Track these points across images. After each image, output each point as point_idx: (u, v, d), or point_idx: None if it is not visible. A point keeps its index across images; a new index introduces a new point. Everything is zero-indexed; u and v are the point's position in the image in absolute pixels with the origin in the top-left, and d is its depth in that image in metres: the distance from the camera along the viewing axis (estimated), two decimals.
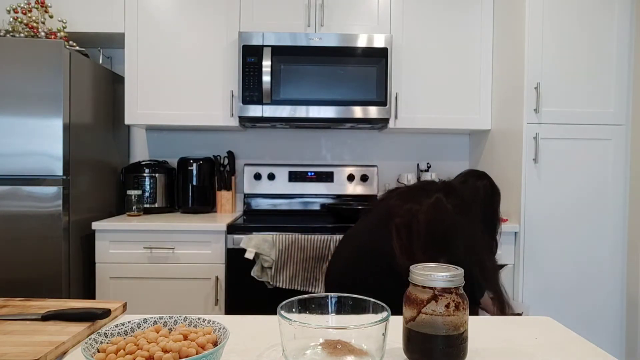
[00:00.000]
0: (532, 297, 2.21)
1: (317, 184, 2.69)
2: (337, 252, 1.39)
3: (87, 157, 2.27)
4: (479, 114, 2.54)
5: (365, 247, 1.26)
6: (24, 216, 2.00)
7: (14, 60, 1.99)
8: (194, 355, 0.55)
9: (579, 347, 0.74)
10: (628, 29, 2.20)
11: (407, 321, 0.65)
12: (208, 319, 0.67)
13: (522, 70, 2.20)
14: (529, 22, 2.18)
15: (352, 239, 1.35)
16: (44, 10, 2.28)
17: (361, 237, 1.31)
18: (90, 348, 0.58)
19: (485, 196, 1.42)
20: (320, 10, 2.44)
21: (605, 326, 2.21)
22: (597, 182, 2.21)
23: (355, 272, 1.23)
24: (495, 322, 0.86)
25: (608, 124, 2.21)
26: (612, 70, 2.20)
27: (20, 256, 2.00)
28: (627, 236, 2.22)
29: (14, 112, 1.99)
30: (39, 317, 0.79)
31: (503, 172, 2.43)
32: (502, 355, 0.70)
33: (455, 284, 0.63)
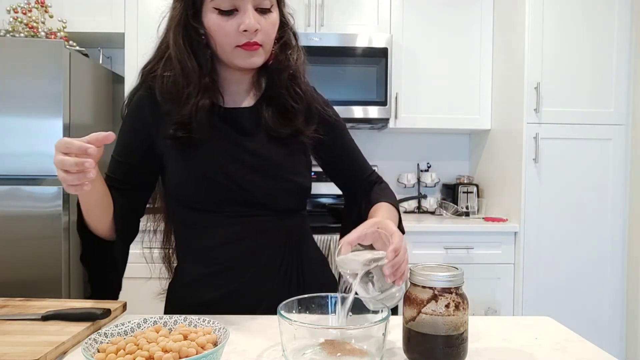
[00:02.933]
0: (532, 297, 2.21)
1: (317, 183, 2.69)
2: None
3: None
4: (479, 114, 2.54)
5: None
6: (24, 216, 2.00)
7: (14, 60, 1.99)
8: (194, 355, 0.55)
9: (579, 347, 0.74)
10: (628, 29, 2.19)
11: (407, 321, 0.65)
12: (208, 319, 0.67)
13: (522, 70, 2.20)
14: (529, 22, 2.18)
15: None
16: (44, 10, 2.28)
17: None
18: (90, 348, 0.58)
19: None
20: (320, 10, 2.44)
21: (605, 326, 2.21)
22: (597, 182, 2.21)
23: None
24: (495, 322, 0.86)
25: (608, 124, 2.21)
26: (612, 71, 2.20)
27: (20, 256, 2.00)
28: (627, 236, 2.22)
29: (14, 112, 1.99)
30: (39, 317, 0.79)
31: (503, 172, 2.43)
32: (502, 355, 0.70)
33: (455, 284, 0.63)
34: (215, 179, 0.88)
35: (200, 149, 0.89)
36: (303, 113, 0.93)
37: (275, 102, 0.92)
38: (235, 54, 0.84)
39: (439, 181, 2.82)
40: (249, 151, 0.90)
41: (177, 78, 0.87)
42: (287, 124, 0.91)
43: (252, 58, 0.85)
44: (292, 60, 0.91)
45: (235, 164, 0.89)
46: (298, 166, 0.94)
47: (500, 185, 2.48)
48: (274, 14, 0.85)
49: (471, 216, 2.56)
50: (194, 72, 0.85)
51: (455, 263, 0.70)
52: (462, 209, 2.57)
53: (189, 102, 0.85)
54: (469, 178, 2.72)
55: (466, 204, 2.60)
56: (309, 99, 0.95)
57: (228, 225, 0.90)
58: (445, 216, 2.56)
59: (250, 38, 0.82)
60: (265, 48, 0.86)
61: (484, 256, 2.24)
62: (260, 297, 0.90)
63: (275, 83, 0.91)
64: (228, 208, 0.90)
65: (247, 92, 0.95)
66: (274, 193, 0.91)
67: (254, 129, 0.92)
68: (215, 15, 0.82)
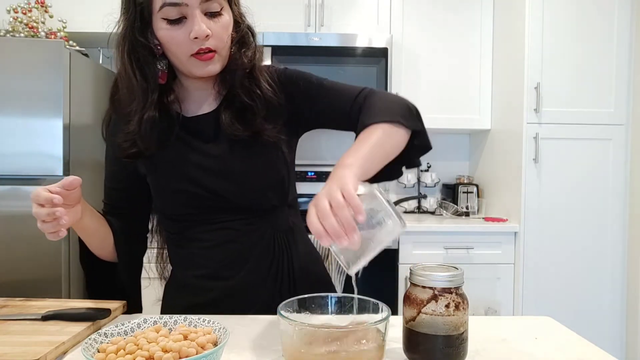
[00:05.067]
0: (532, 297, 2.21)
1: (317, 184, 2.69)
2: None
3: (87, 157, 2.27)
4: (479, 114, 2.54)
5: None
6: (24, 216, 2.00)
7: (14, 60, 1.99)
8: (194, 355, 0.55)
9: (579, 347, 0.74)
10: (628, 29, 2.19)
11: (407, 321, 0.65)
12: (208, 319, 0.67)
13: (522, 71, 2.20)
14: (529, 23, 2.18)
15: None
16: (44, 10, 2.28)
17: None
18: (90, 348, 0.58)
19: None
20: (320, 10, 2.44)
21: (605, 326, 2.21)
22: (597, 182, 2.21)
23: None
24: (495, 322, 0.86)
25: (608, 124, 2.21)
26: (612, 71, 2.20)
27: (20, 256, 2.00)
28: (627, 236, 2.22)
29: (14, 112, 1.99)
30: (39, 317, 0.79)
31: (503, 172, 2.43)
32: (502, 355, 0.70)
33: (455, 284, 0.63)
34: (186, 190, 0.87)
35: (165, 162, 0.88)
36: (263, 111, 0.89)
37: (233, 103, 0.90)
38: (191, 64, 0.83)
39: (439, 181, 2.82)
40: (213, 157, 0.88)
41: (125, 94, 0.86)
42: (244, 126, 0.88)
43: (208, 67, 0.83)
44: (246, 58, 0.88)
45: (201, 172, 0.88)
46: (267, 162, 0.91)
47: (500, 185, 2.48)
48: (225, 16, 0.83)
49: (471, 216, 2.56)
50: (139, 88, 0.84)
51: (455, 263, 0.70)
52: (462, 209, 2.57)
53: (135, 118, 0.84)
54: (469, 178, 2.72)
55: (466, 204, 2.60)
56: (268, 95, 0.91)
57: (211, 231, 0.90)
58: (445, 216, 2.56)
59: (202, 44, 0.80)
60: (221, 53, 0.84)
61: (484, 256, 2.24)
62: (252, 299, 0.90)
63: (231, 84, 0.89)
64: (206, 215, 0.90)
65: (210, 97, 0.92)
66: (247, 194, 0.89)
67: (216, 134, 0.90)
68: (164, 26, 0.80)
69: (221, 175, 0.88)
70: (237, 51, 0.87)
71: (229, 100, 0.90)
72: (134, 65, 0.84)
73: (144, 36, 0.83)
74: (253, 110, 0.89)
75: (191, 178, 0.88)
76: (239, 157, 0.89)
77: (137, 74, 0.84)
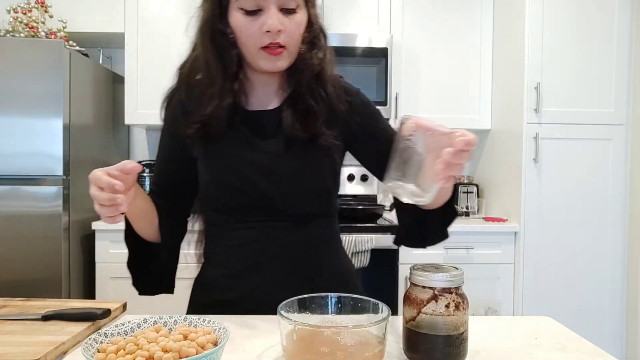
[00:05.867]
0: (532, 297, 2.21)
1: None
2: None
3: (87, 157, 2.27)
4: (479, 114, 2.54)
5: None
6: (24, 216, 2.00)
7: (14, 60, 1.99)
8: (194, 355, 0.55)
9: (579, 347, 0.74)
10: (628, 29, 2.19)
11: (407, 321, 0.65)
12: (208, 319, 0.67)
13: (522, 71, 2.20)
14: (529, 22, 2.18)
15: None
16: (44, 10, 2.28)
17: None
18: (90, 348, 0.58)
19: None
20: (320, 10, 2.43)
21: (605, 326, 2.21)
22: (597, 182, 2.21)
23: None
24: (495, 322, 0.86)
25: (608, 124, 2.21)
26: (612, 71, 2.20)
27: (20, 256, 2.00)
28: (627, 236, 2.22)
29: (14, 112, 1.99)
30: (39, 317, 0.79)
31: (503, 172, 2.43)
32: (502, 355, 0.70)
33: (455, 284, 0.63)
34: (231, 182, 0.88)
35: (218, 152, 0.89)
36: (324, 115, 0.89)
37: (297, 103, 0.89)
38: (259, 56, 0.83)
39: None
40: (266, 155, 0.88)
41: (203, 78, 0.87)
42: (305, 127, 0.88)
43: (276, 62, 0.84)
44: (316, 59, 0.88)
45: (251, 168, 0.88)
46: (318, 170, 0.91)
47: (500, 185, 2.48)
48: (299, 15, 0.84)
49: (471, 216, 2.56)
50: (218, 74, 0.85)
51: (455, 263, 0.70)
52: (462, 209, 2.57)
53: (212, 103, 0.86)
54: (469, 178, 2.72)
55: (466, 204, 2.60)
56: (333, 101, 0.91)
57: (246, 228, 0.90)
58: None
59: (273, 39, 0.81)
60: (290, 50, 0.84)
61: (484, 256, 2.24)
62: (274, 301, 0.88)
63: (298, 83, 0.89)
64: (246, 211, 0.90)
65: (274, 93, 0.93)
66: (290, 198, 0.89)
67: (275, 132, 0.90)
68: (240, 15, 0.81)
69: (270, 175, 0.88)
70: (307, 51, 0.88)
71: (293, 100, 0.90)
72: (214, 51, 0.85)
73: (222, 23, 0.84)
74: (315, 113, 0.89)
75: (240, 172, 0.88)
76: (292, 160, 0.89)
77: (217, 60, 0.85)
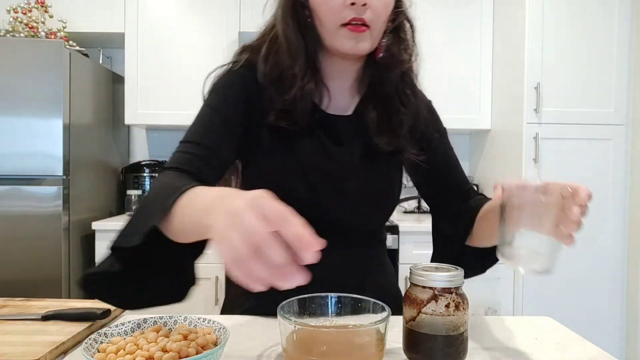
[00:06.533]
0: (532, 297, 2.21)
1: None
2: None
3: (87, 157, 2.27)
4: (479, 114, 2.54)
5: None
6: (24, 216, 2.00)
7: (14, 60, 1.99)
8: (194, 355, 0.55)
9: (579, 347, 0.74)
10: (628, 29, 2.19)
11: (407, 321, 0.65)
12: (208, 319, 0.67)
13: (522, 70, 2.19)
14: (529, 22, 2.17)
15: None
16: (44, 10, 2.28)
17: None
18: (90, 348, 0.58)
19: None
20: None
21: (605, 326, 2.21)
22: (597, 182, 2.21)
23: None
24: (495, 322, 0.86)
25: (608, 124, 2.21)
26: (612, 71, 2.20)
27: (20, 256, 2.00)
28: (627, 236, 2.22)
29: (14, 112, 1.99)
30: (39, 317, 0.79)
31: (503, 172, 2.43)
32: (502, 355, 0.70)
33: (455, 284, 0.63)
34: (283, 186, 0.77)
35: (285, 149, 0.80)
36: (410, 120, 0.82)
37: (380, 105, 0.81)
38: (339, 35, 0.75)
39: None
40: (338, 165, 0.81)
41: (282, 58, 0.78)
42: (390, 137, 0.80)
43: (357, 42, 0.75)
44: (405, 55, 0.80)
45: (320, 179, 0.80)
46: (388, 186, 0.85)
47: None
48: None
49: None
50: (301, 50, 0.77)
51: None
52: None
53: (294, 85, 0.77)
54: (469, 178, 2.71)
55: None
56: (419, 104, 0.85)
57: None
58: None
59: (358, 13, 0.72)
60: (374, 32, 0.75)
61: None
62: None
63: (384, 81, 0.80)
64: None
65: (349, 91, 0.85)
66: (357, 215, 0.83)
67: (350, 138, 0.82)
68: None
69: (340, 190, 0.80)
70: (394, 43, 0.80)
71: (374, 100, 0.82)
72: (296, 27, 0.78)
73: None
74: (401, 117, 0.81)
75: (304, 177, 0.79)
76: (365, 174, 0.82)
77: (300, 36, 0.77)
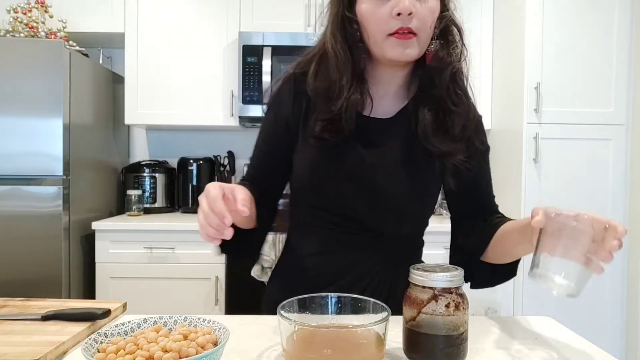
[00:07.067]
0: (532, 297, 2.21)
1: None
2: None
3: (87, 157, 2.27)
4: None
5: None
6: (24, 216, 2.00)
7: (14, 60, 1.99)
8: (194, 355, 0.55)
9: (579, 347, 0.74)
10: (628, 29, 2.19)
11: (407, 321, 0.65)
12: (208, 319, 0.67)
13: (522, 70, 2.19)
14: (529, 22, 2.17)
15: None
16: (44, 10, 2.28)
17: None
18: (90, 348, 0.58)
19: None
20: (321, 9, 2.43)
21: (605, 326, 2.21)
22: (597, 182, 2.21)
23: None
24: (495, 322, 0.86)
25: (608, 124, 2.21)
26: (612, 71, 2.20)
27: (20, 256, 2.00)
28: (627, 236, 2.22)
29: (14, 112, 1.99)
30: (39, 317, 0.79)
31: (503, 172, 2.43)
32: (502, 355, 0.70)
33: (455, 284, 0.63)
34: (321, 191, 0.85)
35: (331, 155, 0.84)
36: (462, 119, 0.84)
37: (433, 105, 0.83)
38: (387, 44, 0.78)
39: None
40: (370, 166, 0.84)
41: (331, 71, 0.83)
42: (443, 134, 0.82)
43: (405, 49, 0.78)
44: (454, 57, 0.84)
45: (346, 177, 0.83)
46: (425, 193, 0.87)
47: (500, 185, 2.46)
48: (432, 1, 0.79)
49: None
50: (348, 63, 0.81)
51: None
52: None
53: (341, 96, 0.81)
54: None
55: None
56: (470, 104, 0.87)
57: (324, 235, 0.88)
58: (446, 216, 2.56)
59: (404, 23, 0.76)
60: (421, 39, 0.79)
61: None
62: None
63: (435, 83, 0.83)
64: (329, 219, 0.87)
65: (393, 96, 0.88)
66: (391, 220, 0.85)
67: (387, 141, 0.85)
68: (368, 1, 0.78)
69: (371, 191, 0.83)
70: (442, 48, 0.83)
71: (424, 101, 0.84)
72: (344, 42, 0.81)
73: (351, 12, 0.80)
74: (453, 117, 0.83)
75: (327, 177, 0.84)
76: (403, 178, 0.84)
77: (347, 51, 0.81)
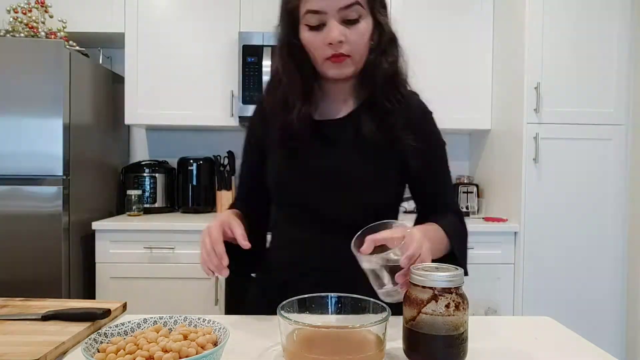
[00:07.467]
0: (532, 297, 2.21)
1: None
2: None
3: (87, 157, 2.27)
4: (479, 114, 2.54)
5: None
6: (24, 216, 2.00)
7: (14, 60, 1.99)
8: (194, 355, 0.55)
9: (579, 347, 0.74)
10: (628, 29, 2.19)
11: (407, 321, 0.65)
12: (208, 319, 0.67)
13: (522, 70, 2.19)
14: (529, 22, 2.17)
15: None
16: (44, 10, 2.28)
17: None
18: (90, 348, 0.58)
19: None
20: None
21: (605, 326, 2.21)
22: (597, 182, 2.21)
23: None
24: (495, 322, 0.86)
25: (608, 124, 2.21)
26: (612, 70, 2.20)
27: (20, 256, 2.00)
28: (627, 236, 2.22)
29: (14, 112, 1.99)
30: (39, 317, 0.79)
31: (503, 172, 2.43)
32: (502, 355, 0.70)
33: (455, 284, 0.63)
34: (285, 186, 0.95)
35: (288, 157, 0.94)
36: (403, 118, 0.92)
37: (372, 108, 0.93)
38: (325, 66, 0.89)
39: None
40: (328, 163, 0.92)
41: (284, 88, 0.93)
42: (384, 130, 0.91)
43: (341, 70, 0.89)
44: (385, 63, 0.92)
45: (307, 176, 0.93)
46: (381, 182, 0.93)
47: (500, 185, 2.48)
48: (362, 24, 0.87)
49: (471, 216, 2.56)
50: (298, 81, 0.92)
51: None
52: (462, 209, 2.57)
53: (294, 108, 0.91)
54: (469, 178, 2.72)
55: (466, 204, 2.60)
56: (412, 102, 0.98)
57: (295, 229, 0.96)
58: None
59: (336, 50, 0.86)
60: (355, 58, 0.89)
61: (484, 256, 2.24)
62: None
63: (372, 89, 0.93)
64: (298, 214, 0.95)
65: (344, 102, 0.97)
66: (342, 209, 0.92)
67: (341, 140, 0.94)
68: (306, 31, 0.88)
69: (326, 183, 0.91)
70: (377, 56, 0.92)
71: (368, 106, 0.93)
72: (293, 63, 0.92)
73: (296, 39, 0.91)
74: (393, 114, 0.92)
75: (292, 176, 0.94)
76: (355, 169, 0.92)
77: (296, 70, 0.92)
